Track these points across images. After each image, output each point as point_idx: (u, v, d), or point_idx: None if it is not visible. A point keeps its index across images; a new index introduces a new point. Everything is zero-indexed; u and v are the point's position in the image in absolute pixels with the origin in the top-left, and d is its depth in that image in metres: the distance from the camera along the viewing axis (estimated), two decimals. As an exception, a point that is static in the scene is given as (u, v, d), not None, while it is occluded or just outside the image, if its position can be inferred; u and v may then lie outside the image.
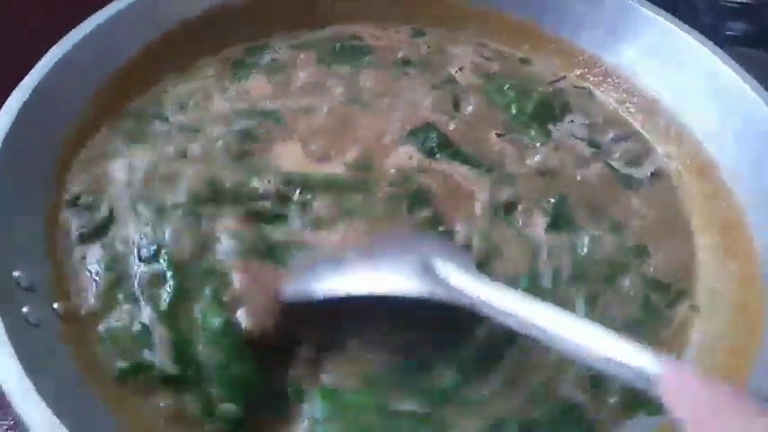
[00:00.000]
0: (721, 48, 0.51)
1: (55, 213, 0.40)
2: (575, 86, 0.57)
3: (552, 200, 0.46)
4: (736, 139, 0.48)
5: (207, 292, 0.37)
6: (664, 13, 0.55)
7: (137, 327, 0.36)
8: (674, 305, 0.43)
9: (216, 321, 0.36)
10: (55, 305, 0.36)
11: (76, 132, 0.44)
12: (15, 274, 0.35)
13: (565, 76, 0.58)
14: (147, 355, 0.35)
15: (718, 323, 0.42)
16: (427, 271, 0.33)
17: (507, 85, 0.54)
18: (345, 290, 0.34)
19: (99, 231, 0.40)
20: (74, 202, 0.41)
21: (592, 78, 0.58)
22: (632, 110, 0.56)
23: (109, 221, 0.41)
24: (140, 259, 0.39)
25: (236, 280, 0.37)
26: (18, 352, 0.30)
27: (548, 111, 0.54)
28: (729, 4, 0.73)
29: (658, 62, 0.54)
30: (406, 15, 0.60)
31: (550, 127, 0.53)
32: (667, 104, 0.53)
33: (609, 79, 0.57)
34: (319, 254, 0.39)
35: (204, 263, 0.38)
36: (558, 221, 0.45)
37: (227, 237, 0.39)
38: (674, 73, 0.53)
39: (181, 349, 0.35)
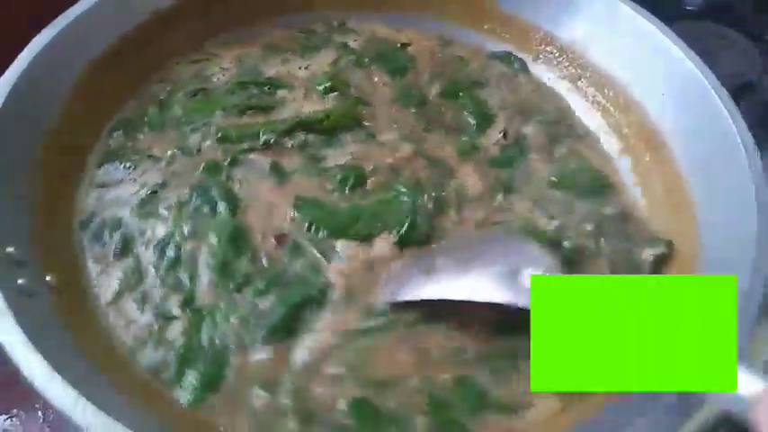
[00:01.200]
0: (675, 21, 0.54)
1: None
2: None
3: None
4: (676, 108, 0.51)
5: None
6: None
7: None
8: None
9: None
10: (47, 277, 0.39)
11: (59, 121, 0.47)
12: (8, 249, 0.38)
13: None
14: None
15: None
16: (513, 278, 0.36)
17: None
18: (444, 296, 0.37)
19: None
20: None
21: (547, 56, 0.61)
22: (585, 84, 0.59)
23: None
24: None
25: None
26: (18, 319, 0.33)
27: None
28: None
29: (607, 36, 0.57)
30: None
31: None
32: (617, 77, 0.57)
33: (563, 56, 0.61)
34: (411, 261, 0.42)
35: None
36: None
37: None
38: (622, 46, 0.56)
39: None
